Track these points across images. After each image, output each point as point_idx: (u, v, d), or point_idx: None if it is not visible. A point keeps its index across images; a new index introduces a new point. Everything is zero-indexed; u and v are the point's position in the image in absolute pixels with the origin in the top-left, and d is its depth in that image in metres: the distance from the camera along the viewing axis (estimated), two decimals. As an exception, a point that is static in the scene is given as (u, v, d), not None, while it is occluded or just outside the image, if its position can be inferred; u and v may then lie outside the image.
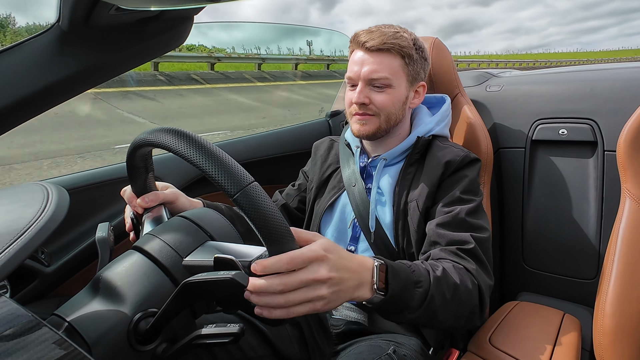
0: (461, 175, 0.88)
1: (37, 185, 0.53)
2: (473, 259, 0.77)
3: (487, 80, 1.49)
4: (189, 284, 0.45)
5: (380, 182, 0.94)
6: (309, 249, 0.51)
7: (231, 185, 0.46)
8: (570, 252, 1.24)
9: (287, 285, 0.49)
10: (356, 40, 0.91)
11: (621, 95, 1.17)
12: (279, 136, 1.53)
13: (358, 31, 0.91)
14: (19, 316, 0.35)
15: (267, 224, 0.47)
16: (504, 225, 1.37)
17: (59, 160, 4.59)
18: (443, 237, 0.80)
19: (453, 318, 0.70)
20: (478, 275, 0.75)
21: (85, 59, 0.56)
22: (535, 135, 1.28)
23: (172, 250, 0.52)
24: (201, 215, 0.59)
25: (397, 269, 0.64)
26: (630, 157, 0.90)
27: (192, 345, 0.48)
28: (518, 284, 1.37)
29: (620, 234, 0.90)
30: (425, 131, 0.95)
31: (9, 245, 0.39)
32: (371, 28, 0.91)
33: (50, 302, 0.98)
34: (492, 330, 0.97)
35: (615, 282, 0.88)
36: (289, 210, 1.09)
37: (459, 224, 0.81)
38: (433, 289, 0.66)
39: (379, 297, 0.61)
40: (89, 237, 1.04)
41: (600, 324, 0.87)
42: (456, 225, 0.81)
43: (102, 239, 0.59)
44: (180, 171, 1.20)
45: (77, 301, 0.48)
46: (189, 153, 0.47)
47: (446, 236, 0.80)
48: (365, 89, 0.89)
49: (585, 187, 1.22)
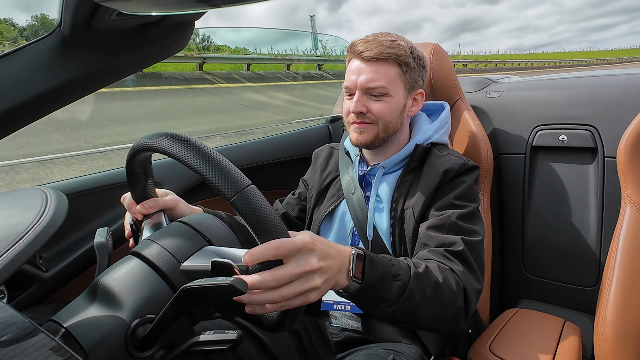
0: (458, 181, 0.88)
1: (35, 190, 0.53)
2: (461, 261, 0.77)
3: (487, 86, 1.50)
4: (187, 290, 0.44)
5: (378, 190, 0.94)
6: (297, 237, 0.51)
7: (228, 188, 0.45)
8: (570, 259, 1.24)
9: (279, 279, 0.48)
10: (353, 50, 0.91)
11: (621, 101, 1.17)
12: (279, 141, 1.53)
13: (355, 40, 0.92)
14: (16, 322, 0.35)
15: (263, 224, 0.47)
16: (504, 232, 1.37)
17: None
18: (433, 239, 0.81)
19: (435, 317, 0.70)
20: (464, 278, 0.75)
21: (87, 64, 0.56)
22: (536, 142, 1.29)
23: (170, 256, 0.52)
24: (199, 220, 0.59)
25: (375, 260, 0.64)
26: (631, 163, 0.90)
27: (190, 352, 0.47)
28: (518, 291, 1.36)
29: (620, 240, 0.90)
30: (424, 139, 0.95)
31: (6, 250, 0.39)
32: (368, 37, 0.91)
33: (47, 307, 0.97)
34: (493, 337, 0.97)
35: (616, 289, 0.87)
36: (289, 219, 1.08)
37: (450, 227, 0.81)
38: (412, 284, 0.66)
39: (354, 285, 0.61)
40: (88, 242, 1.03)
41: (601, 332, 0.87)
42: (447, 228, 0.82)
43: (100, 244, 0.59)
44: (180, 176, 1.19)
45: (74, 307, 0.48)
46: (187, 157, 0.47)
47: (436, 238, 0.80)
48: (362, 97, 0.89)
49: (585, 194, 1.22)
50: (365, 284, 0.61)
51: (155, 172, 0.68)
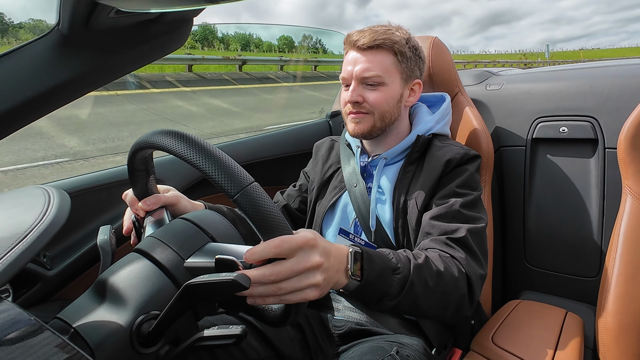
0: (460, 170, 0.88)
1: (38, 188, 0.53)
2: (463, 248, 0.78)
3: (487, 79, 1.49)
4: (191, 285, 0.45)
5: (380, 181, 0.94)
6: (299, 235, 0.51)
7: (231, 186, 0.46)
8: (572, 250, 1.24)
9: (279, 274, 0.48)
10: (348, 41, 0.92)
11: (621, 92, 1.17)
12: (280, 137, 1.53)
13: (350, 32, 0.93)
14: (22, 320, 0.35)
15: (265, 222, 0.47)
16: (506, 224, 1.37)
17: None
18: (436, 228, 0.81)
19: (439, 307, 0.71)
20: (467, 265, 0.75)
21: (86, 62, 0.56)
22: (536, 134, 1.28)
23: (173, 252, 0.52)
24: (202, 217, 0.59)
25: (373, 256, 0.64)
26: (631, 154, 0.90)
27: (195, 347, 0.48)
28: (520, 283, 1.36)
29: (621, 231, 0.90)
30: (425, 130, 0.95)
31: (10, 249, 0.39)
32: (364, 28, 0.92)
33: (52, 305, 0.98)
34: (495, 329, 0.97)
35: (618, 279, 0.87)
36: (290, 211, 1.09)
37: (453, 216, 0.82)
38: (413, 276, 0.66)
39: (354, 283, 0.61)
40: (91, 240, 1.04)
41: (603, 322, 0.87)
42: (450, 216, 0.82)
43: (103, 242, 0.59)
44: (181, 173, 1.20)
45: (79, 304, 0.48)
46: (190, 155, 0.47)
47: (438, 227, 0.81)
48: (358, 87, 0.90)
49: (586, 185, 1.22)
50: (364, 281, 0.61)
51: (156, 169, 0.68)
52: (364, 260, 0.62)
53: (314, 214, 1.03)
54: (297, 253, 0.50)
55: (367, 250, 0.64)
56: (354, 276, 0.61)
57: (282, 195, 1.13)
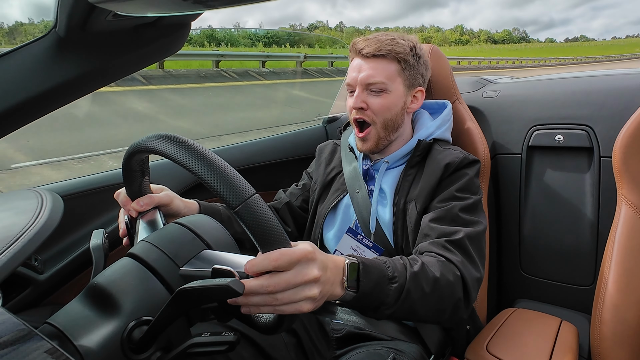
0: (459, 174, 0.90)
1: (31, 191, 0.53)
2: (459, 251, 0.78)
3: (483, 87, 1.50)
4: (183, 290, 0.44)
5: (382, 184, 0.95)
6: (297, 248, 0.51)
7: (233, 197, 0.46)
8: (567, 259, 1.24)
9: (276, 285, 0.49)
10: (354, 48, 0.94)
11: (617, 101, 1.18)
12: (276, 142, 1.53)
13: (356, 39, 0.95)
14: (11, 325, 0.35)
15: (265, 235, 0.47)
16: (501, 232, 1.38)
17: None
18: (434, 231, 0.81)
19: (435, 312, 0.71)
20: (463, 268, 0.75)
21: (82, 65, 0.56)
22: (532, 142, 1.29)
23: (168, 259, 0.52)
24: (198, 223, 0.58)
25: (370, 266, 0.64)
26: (626, 163, 0.91)
27: (187, 353, 0.47)
28: (515, 291, 1.36)
29: (616, 240, 0.91)
30: (426, 135, 0.97)
31: (1, 253, 0.39)
32: (369, 36, 0.94)
33: (43, 310, 0.97)
34: (490, 337, 0.97)
35: (612, 288, 0.88)
36: (292, 209, 1.09)
37: (451, 219, 0.83)
38: (410, 284, 0.66)
39: (350, 295, 0.61)
40: (83, 244, 1.03)
41: (598, 331, 0.87)
42: (449, 219, 0.83)
43: (96, 246, 0.59)
44: (177, 177, 1.19)
45: (70, 309, 0.48)
46: (191, 163, 0.47)
47: (437, 230, 0.81)
48: (362, 93, 0.92)
49: (581, 193, 1.22)
50: (361, 293, 0.61)
51: (151, 173, 0.67)
52: (361, 272, 0.62)
53: (316, 215, 1.04)
54: (295, 266, 0.50)
55: (364, 260, 0.64)
56: (350, 288, 0.61)
57: (285, 193, 1.14)
